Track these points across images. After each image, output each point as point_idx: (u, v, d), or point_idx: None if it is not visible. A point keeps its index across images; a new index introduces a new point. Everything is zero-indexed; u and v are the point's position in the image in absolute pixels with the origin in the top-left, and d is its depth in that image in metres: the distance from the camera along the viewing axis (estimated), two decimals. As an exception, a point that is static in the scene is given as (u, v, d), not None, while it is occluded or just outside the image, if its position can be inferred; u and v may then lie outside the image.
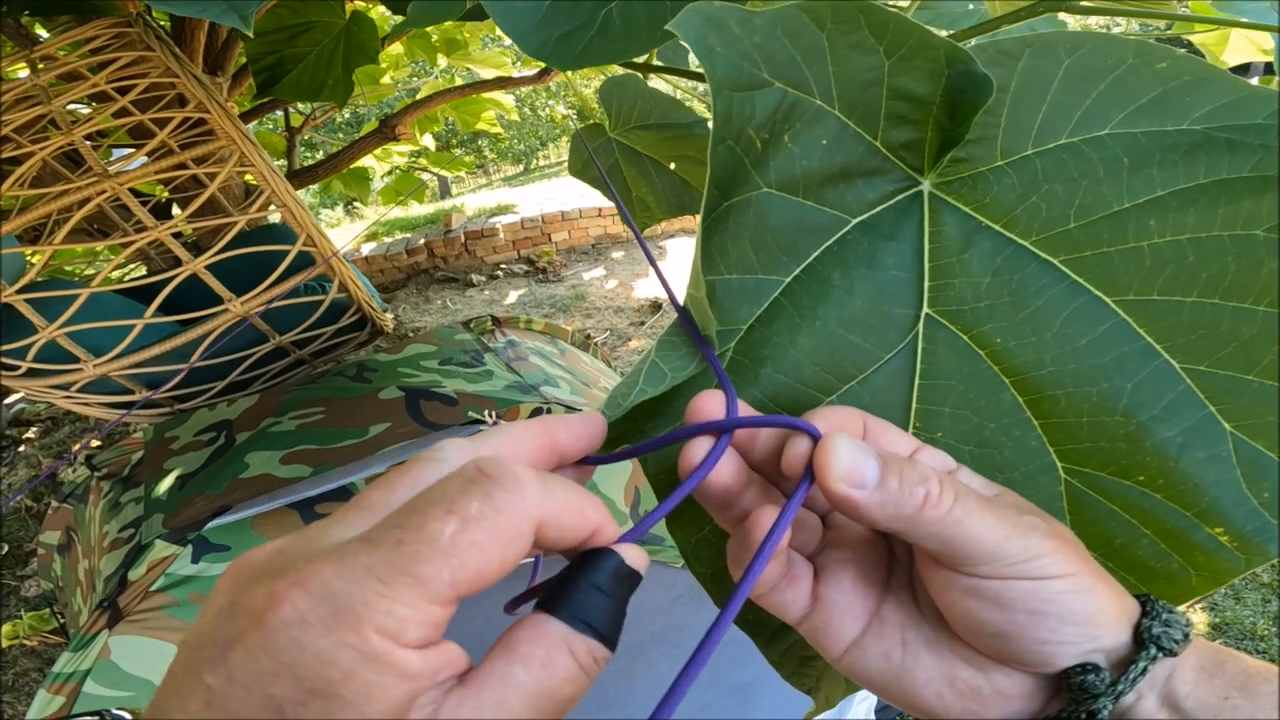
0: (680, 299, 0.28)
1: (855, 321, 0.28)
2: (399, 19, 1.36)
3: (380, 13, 1.84)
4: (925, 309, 0.28)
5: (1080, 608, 0.21)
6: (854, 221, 0.28)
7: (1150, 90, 0.26)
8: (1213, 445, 0.26)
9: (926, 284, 0.28)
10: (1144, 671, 0.21)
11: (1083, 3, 0.45)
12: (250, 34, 0.48)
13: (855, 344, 0.28)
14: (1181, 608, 0.26)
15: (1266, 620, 1.44)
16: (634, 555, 0.20)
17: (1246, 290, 0.25)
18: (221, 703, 0.15)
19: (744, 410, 0.25)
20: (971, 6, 0.82)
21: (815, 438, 0.23)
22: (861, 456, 0.22)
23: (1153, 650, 0.21)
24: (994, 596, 0.22)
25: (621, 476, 0.98)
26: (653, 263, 0.32)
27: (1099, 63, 0.27)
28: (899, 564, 0.26)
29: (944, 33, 0.29)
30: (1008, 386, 0.27)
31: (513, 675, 0.17)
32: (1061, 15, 0.58)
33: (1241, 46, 0.94)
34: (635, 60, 0.72)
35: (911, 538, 0.22)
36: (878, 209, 0.28)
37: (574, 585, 0.19)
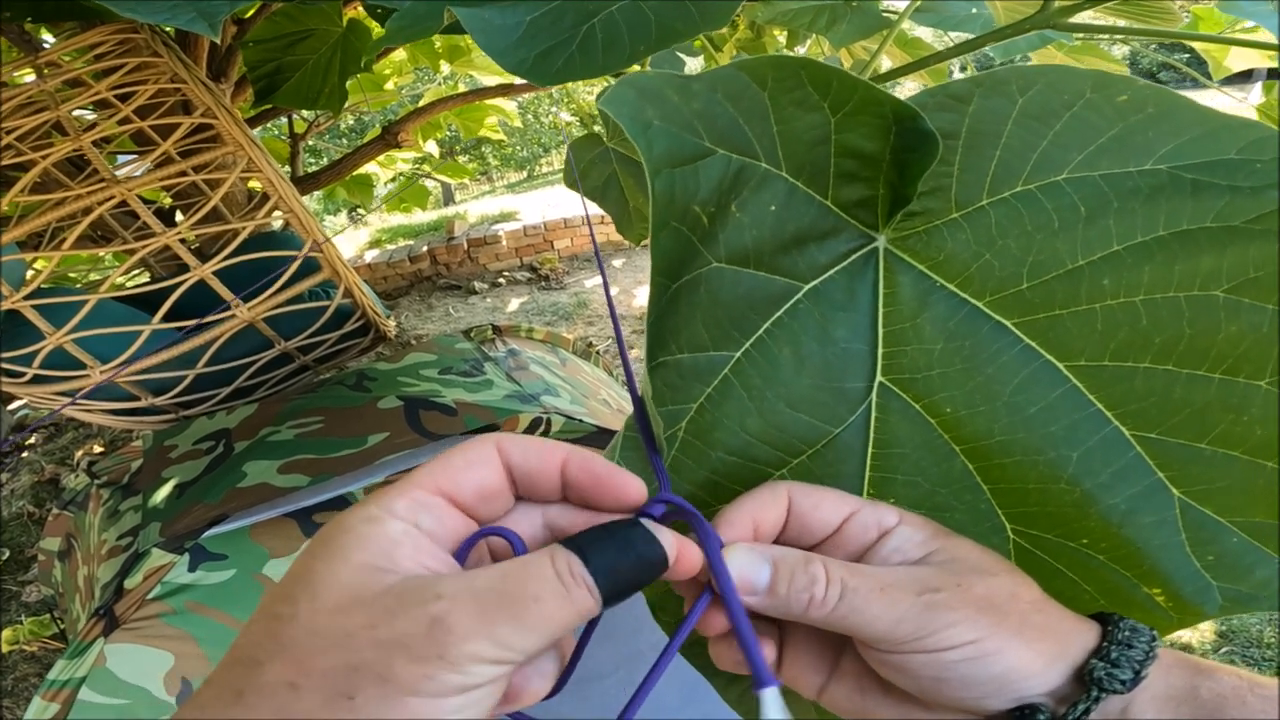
0: (644, 365, 0.28)
1: (804, 400, 0.27)
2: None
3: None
4: (879, 377, 0.28)
5: (979, 673, 0.22)
6: (806, 288, 0.27)
7: (1110, 127, 0.25)
8: (1159, 511, 0.26)
9: (880, 351, 0.27)
10: (1086, 712, 0.22)
11: (1073, 20, 0.45)
12: (218, 40, 0.48)
13: (804, 421, 0.28)
14: None
15: (1274, 629, 1.42)
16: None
17: (1201, 357, 0.24)
18: None
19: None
20: (975, 10, 0.81)
21: (720, 546, 0.24)
22: (752, 567, 0.24)
23: (1094, 692, 0.22)
24: (898, 667, 0.23)
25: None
26: (613, 315, 0.32)
27: (1054, 99, 0.25)
28: None
29: (952, 40, 0.28)
30: (958, 454, 0.27)
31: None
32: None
33: (1245, 52, 0.93)
34: (629, 70, 0.72)
35: (811, 625, 0.24)
36: (831, 271, 0.27)
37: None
